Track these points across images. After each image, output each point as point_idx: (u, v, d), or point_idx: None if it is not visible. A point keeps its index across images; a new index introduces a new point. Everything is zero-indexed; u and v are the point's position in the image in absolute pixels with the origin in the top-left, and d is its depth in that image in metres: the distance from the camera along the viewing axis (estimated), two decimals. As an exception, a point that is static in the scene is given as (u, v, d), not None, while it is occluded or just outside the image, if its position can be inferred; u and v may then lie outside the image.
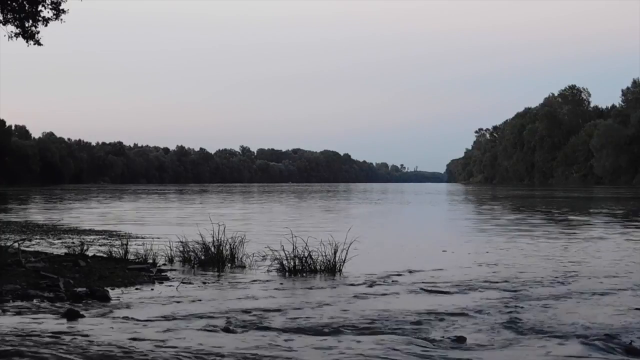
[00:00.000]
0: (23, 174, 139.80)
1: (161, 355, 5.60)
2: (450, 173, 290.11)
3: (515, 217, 27.27)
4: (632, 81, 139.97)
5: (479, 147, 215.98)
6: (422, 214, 33.86)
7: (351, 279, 9.96)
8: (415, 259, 12.49)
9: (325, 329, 6.61)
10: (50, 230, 18.94)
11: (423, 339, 6.23)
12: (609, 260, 12.34)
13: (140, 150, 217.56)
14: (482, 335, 6.38)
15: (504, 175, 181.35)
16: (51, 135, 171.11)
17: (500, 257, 12.73)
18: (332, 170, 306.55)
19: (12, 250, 11.21)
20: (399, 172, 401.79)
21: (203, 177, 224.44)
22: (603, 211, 31.42)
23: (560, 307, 7.78)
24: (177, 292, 8.71)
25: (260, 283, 9.60)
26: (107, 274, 9.84)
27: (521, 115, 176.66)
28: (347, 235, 11.14)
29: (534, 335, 6.39)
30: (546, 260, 12.37)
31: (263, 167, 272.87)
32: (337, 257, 10.72)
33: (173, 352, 5.67)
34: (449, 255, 13.28)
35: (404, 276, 10.22)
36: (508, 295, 8.55)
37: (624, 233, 18.60)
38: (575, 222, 24.33)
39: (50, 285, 8.66)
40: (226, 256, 11.41)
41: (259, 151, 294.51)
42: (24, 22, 14.65)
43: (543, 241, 16.18)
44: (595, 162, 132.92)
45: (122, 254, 11.77)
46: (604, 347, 5.93)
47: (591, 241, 16.17)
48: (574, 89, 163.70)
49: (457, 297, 8.50)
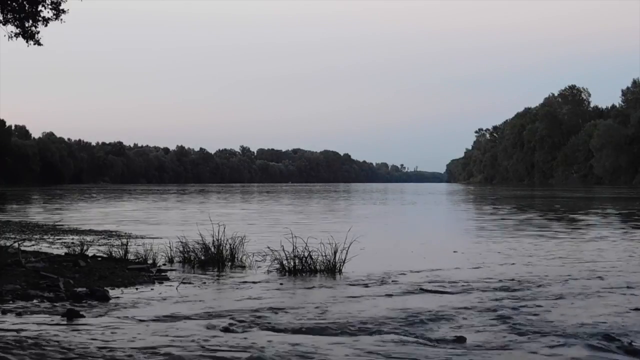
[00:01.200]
0: (23, 174, 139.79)
1: (161, 355, 5.60)
2: (450, 173, 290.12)
3: (515, 217, 27.27)
4: (632, 81, 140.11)
5: (479, 147, 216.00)
6: (426, 214, 33.84)
7: (351, 279, 9.96)
8: (415, 259, 12.49)
9: (325, 329, 6.61)
10: (50, 230, 18.93)
11: (423, 339, 6.22)
12: (609, 260, 12.35)
13: (140, 150, 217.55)
14: (482, 335, 6.38)
15: (504, 175, 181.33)
16: (51, 135, 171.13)
17: (500, 257, 12.73)
18: (332, 170, 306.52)
19: (12, 250, 11.21)
20: (399, 172, 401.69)
21: (203, 177, 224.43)
22: (603, 211, 31.41)
23: (560, 307, 7.78)
24: (177, 292, 8.72)
25: (260, 283, 9.60)
26: (107, 274, 9.84)
27: (521, 115, 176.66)
28: (347, 235, 11.15)
29: (534, 335, 6.39)
30: (546, 260, 12.37)
31: (263, 167, 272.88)
32: (337, 257, 10.73)
33: (173, 352, 5.67)
34: (449, 255, 13.28)
35: (404, 276, 10.22)
36: (508, 295, 8.55)
37: (624, 233, 18.60)
38: (575, 222, 24.33)
39: (50, 285, 8.66)
40: (226, 256, 11.41)
41: (259, 151, 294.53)
42: (24, 22, 14.65)
43: (543, 241, 16.18)
44: (595, 162, 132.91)
45: (122, 254, 11.77)
46: (604, 347, 5.93)
47: (591, 241, 16.17)
48: (574, 89, 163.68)
49: (457, 297, 8.50)
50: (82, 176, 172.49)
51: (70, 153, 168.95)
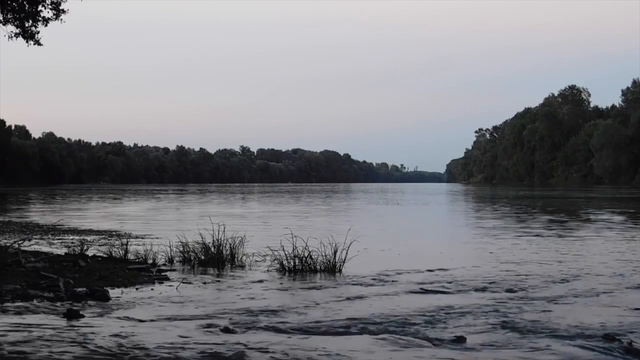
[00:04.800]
0: (23, 174, 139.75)
1: (161, 355, 5.60)
2: (450, 173, 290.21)
3: (515, 217, 27.27)
4: (632, 81, 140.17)
5: (479, 147, 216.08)
6: (424, 214, 33.84)
7: (351, 279, 9.96)
8: (415, 259, 12.49)
9: (325, 329, 6.61)
10: (50, 230, 18.92)
11: (423, 339, 6.23)
12: (609, 260, 12.34)
13: (140, 150, 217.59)
14: (482, 335, 6.38)
15: (504, 175, 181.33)
16: (51, 135, 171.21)
17: (500, 257, 12.72)
18: (332, 170, 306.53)
19: (12, 250, 11.22)
20: (399, 172, 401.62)
21: (203, 177, 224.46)
22: (603, 211, 31.41)
23: (560, 307, 7.79)
24: (177, 292, 8.72)
25: (260, 283, 9.60)
26: (107, 274, 9.84)
27: (521, 115, 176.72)
28: (347, 235, 11.16)
29: (534, 335, 6.39)
30: (546, 260, 12.37)
31: (263, 167, 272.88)
32: (337, 257, 10.73)
33: (173, 352, 5.67)
34: (449, 255, 13.27)
35: (404, 276, 10.22)
36: (508, 295, 8.55)
37: (624, 233, 18.60)
38: (575, 222, 24.33)
39: (50, 285, 8.66)
40: (226, 256, 11.41)
41: (259, 151, 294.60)
42: (24, 22, 14.65)
43: (543, 241, 16.18)
44: (595, 162, 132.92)
45: (122, 254, 11.77)
46: (604, 347, 5.93)
47: (591, 241, 16.17)
48: (574, 89, 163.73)
49: (457, 297, 8.50)
50: (82, 176, 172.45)
51: (70, 153, 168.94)
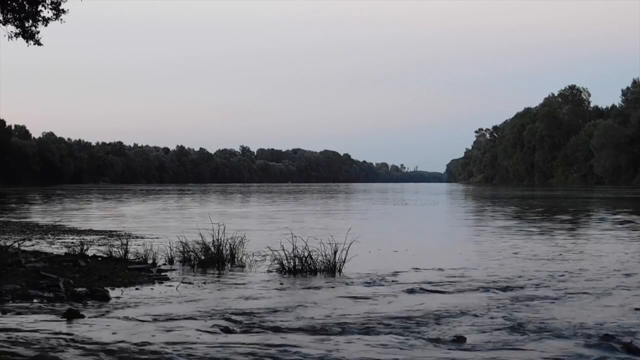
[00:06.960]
0: (23, 174, 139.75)
1: (161, 355, 5.60)
2: (450, 173, 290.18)
3: (515, 217, 27.27)
4: (632, 81, 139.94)
5: (479, 147, 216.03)
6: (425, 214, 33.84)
7: (351, 279, 9.96)
8: (415, 259, 12.48)
9: (325, 329, 6.60)
10: (50, 230, 18.93)
11: (423, 339, 6.23)
12: (609, 260, 12.34)
13: (140, 150, 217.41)
14: (482, 335, 6.38)
15: (504, 175, 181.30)
16: (51, 135, 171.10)
17: (500, 257, 12.73)
18: (332, 170, 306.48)
19: (12, 250, 11.21)
20: (399, 172, 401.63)
21: (203, 177, 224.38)
22: (603, 211, 31.41)
23: (560, 307, 7.79)
24: (177, 292, 8.72)
25: (260, 283, 9.60)
26: (107, 274, 9.84)
27: (521, 115, 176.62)
28: (347, 235, 11.16)
29: (533, 335, 6.39)
30: (546, 260, 12.37)
31: (263, 167, 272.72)
32: (337, 257, 10.73)
33: (173, 352, 5.67)
34: (449, 255, 13.28)
35: (404, 276, 10.22)
36: (508, 295, 8.55)
37: (624, 233, 18.60)
38: (575, 222, 24.33)
39: (50, 285, 8.66)
40: (226, 256, 11.41)
41: (259, 151, 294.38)
42: (24, 22, 14.64)
43: (543, 241, 16.18)
44: (595, 162, 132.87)
45: (122, 254, 11.77)
46: (604, 347, 5.93)
47: (591, 241, 16.17)
48: (574, 89, 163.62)
49: (457, 297, 8.50)
50: (82, 176, 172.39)
51: (70, 153, 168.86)
